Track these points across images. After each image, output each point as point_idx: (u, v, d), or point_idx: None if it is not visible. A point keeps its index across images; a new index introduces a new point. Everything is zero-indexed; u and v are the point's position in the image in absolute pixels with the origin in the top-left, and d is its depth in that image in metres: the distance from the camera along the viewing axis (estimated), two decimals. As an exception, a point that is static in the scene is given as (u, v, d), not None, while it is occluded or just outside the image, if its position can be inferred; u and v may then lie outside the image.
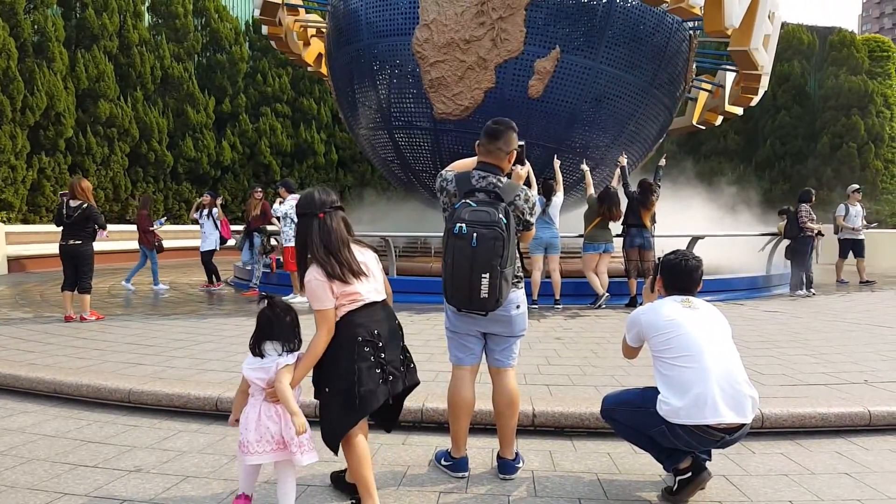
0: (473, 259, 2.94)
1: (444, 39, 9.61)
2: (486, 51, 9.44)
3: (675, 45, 10.51)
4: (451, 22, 9.52)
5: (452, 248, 2.98)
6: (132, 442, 3.76)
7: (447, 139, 10.47)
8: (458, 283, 3.00)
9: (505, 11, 9.29)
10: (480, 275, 2.94)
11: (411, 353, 3.13)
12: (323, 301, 2.74)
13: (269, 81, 23.14)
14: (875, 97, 23.99)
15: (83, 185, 7.74)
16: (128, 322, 7.49)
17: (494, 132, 3.23)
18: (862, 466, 3.47)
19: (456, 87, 9.80)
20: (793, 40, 24.94)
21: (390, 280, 10.23)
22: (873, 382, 4.80)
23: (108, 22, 19.17)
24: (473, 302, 3.01)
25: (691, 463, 3.01)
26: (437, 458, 3.47)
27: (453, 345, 3.38)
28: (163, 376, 4.78)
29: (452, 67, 9.69)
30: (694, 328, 2.97)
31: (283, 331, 2.74)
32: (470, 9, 9.44)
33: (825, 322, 7.90)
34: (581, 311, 8.72)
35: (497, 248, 2.95)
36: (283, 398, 2.63)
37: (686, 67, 11.13)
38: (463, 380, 3.32)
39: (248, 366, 2.72)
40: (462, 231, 2.95)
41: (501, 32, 9.30)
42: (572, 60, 9.59)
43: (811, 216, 10.89)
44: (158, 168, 20.51)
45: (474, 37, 9.43)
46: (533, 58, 9.46)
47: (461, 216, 3.00)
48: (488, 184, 3.14)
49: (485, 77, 9.57)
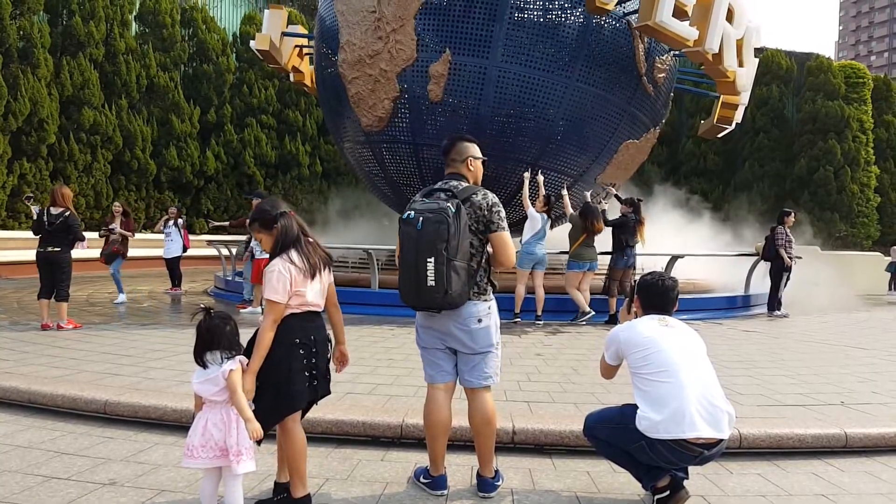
0: (419, 242, 3.00)
1: (355, 57, 10.28)
2: (385, 62, 9.93)
3: (593, 35, 9.85)
4: (358, 40, 10.17)
5: (402, 236, 3.10)
6: (107, 454, 3.70)
7: (426, 153, 10.62)
8: (406, 272, 3.07)
9: (396, 24, 9.71)
10: (426, 258, 2.98)
11: (393, 366, 3.15)
12: (278, 292, 2.88)
13: (256, 93, 23.11)
14: (851, 122, 24.52)
15: (64, 192, 7.64)
16: (105, 331, 7.38)
17: (444, 147, 3.44)
18: (838, 488, 3.51)
19: (370, 100, 10.38)
20: (771, 65, 25.46)
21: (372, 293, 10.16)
22: (850, 404, 4.86)
23: (94, 30, 19.07)
24: (422, 293, 3.02)
25: (669, 482, 3.04)
26: (416, 476, 3.45)
27: (425, 361, 3.37)
28: (140, 387, 4.72)
29: (364, 82, 10.30)
30: (671, 345, 3.04)
31: (222, 339, 2.83)
32: (369, 26, 9.99)
33: (802, 343, 8.01)
34: (562, 327, 8.76)
35: (441, 232, 2.99)
36: (238, 405, 2.75)
37: (630, 57, 10.24)
38: (437, 400, 3.28)
39: (196, 380, 2.82)
40: (409, 217, 3.08)
41: (396, 44, 9.76)
42: (464, 62, 9.68)
43: (787, 238, 11.00)
44: (141, 176, 20.35)
45: (375, 51, 9.98)
46: (427, 64, 9.72)
47: (413, 207, 3.13)
48: (448, 186, 3.25)
49: (390, 87, 10.06)
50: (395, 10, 9.70)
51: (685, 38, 9.08)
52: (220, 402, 2.80)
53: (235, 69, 23.29)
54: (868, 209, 24.77)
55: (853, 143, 24.46)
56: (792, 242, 11.10)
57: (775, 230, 11.06)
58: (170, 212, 12.67)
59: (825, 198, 24.20)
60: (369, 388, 4.95)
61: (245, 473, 2.82)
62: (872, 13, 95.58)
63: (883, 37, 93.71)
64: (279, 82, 23.20)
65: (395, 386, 5.05)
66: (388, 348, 6.70)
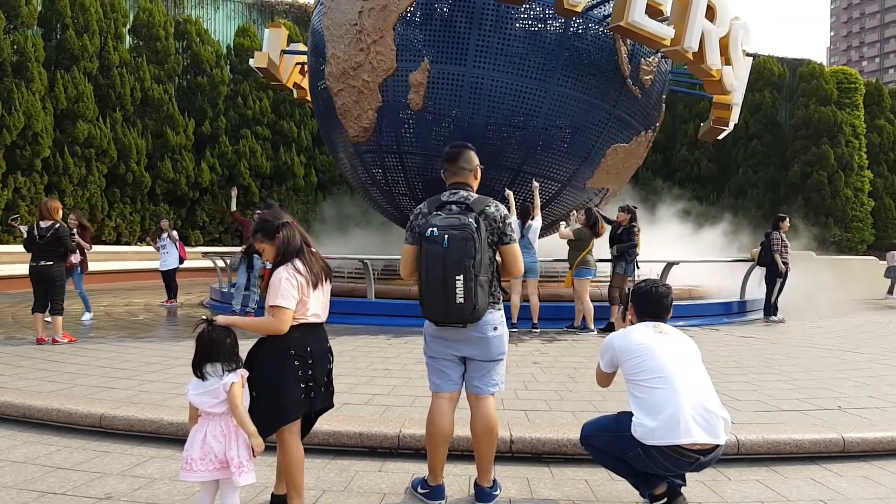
0: (446, 260, 3.00)
1: (339, 70, 10.52)
2: (368, 73, 10.14)
3: (562, 40, 9.85)
4: (342, 53, 10.41)
5: (426, 254, 3.06)
6: (103, 468, 3.68)
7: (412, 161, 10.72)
8: (432, 290, 3.04)
9: (376, 35, 9.91)
10: (454, 276, 2.99)
11: (390, 377, 3.15)
12: (287, 299, 2.87)
13: (250, 104, 23.14)
14: (844, 127, 24.65)
15: (52, 205, 7.60)
16: (101, 344, 7.35)
17: (454, 154, 3.38)
18: (836, 493, 3.51)
19: (355, 111, 10.58)
20: (764, 71, 25.60)
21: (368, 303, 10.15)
22: (846, 409, 4.87)
23: (88, 43, 19.10)
24: (450, 310, 3.02)
25: (667, 489, 3.03)
26: (413, 486, 3.43)
27: (431, 371, 3.35)
28: (135, 401, 4.70)
29: (349, 94, 10.53)
30: (665, 352, 3.05)
31: (223, 352, 2.81)
32: (352, 39, 10.21)
33: (798, 348, 8.02)
34: (558, 335, 8.76)
35: (469, 249, 3.02)
36: (241, 420, 2.76)
37: (611, 61, 10.21)
38: (441, 409, 3.27)
39: (193, 391, 2.79)
40: (433, 234, 3.04)
41: (377, 55, 9.96)
42: (444, 69, 9.77)
43: (783, 243, 11.04)
44: (136, 189, 20.32)
45: (358, 63, 10.20)
46: (406, 73, 9.84)
47: (432, 223, 3.09)
48: (459, 198, 3.23)
49: (373, 98, 10.26)
50: (375, 22, 9.91)
51: (661, 38, 8.98)
52: (218, 413, 2.78)
53: (230, 81, 23.32)
54: (862, 213, 24.87)
55: (846, 148, 24.60)
56: (788, 248, 11.14)
57: (770, 235, 11.09)
58: (161, 225, 12.72)
59: (819, 203, 24.30)
60: (366, 399, 4.93)
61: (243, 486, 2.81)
62: (863, 19, 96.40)
63: (874, 42, 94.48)
64: (273, 93, 23.22)
65: (392, 396, 5.04)
66: (385, 358, 6.68)
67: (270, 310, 2.89)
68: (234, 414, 2.76)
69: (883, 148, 26.25)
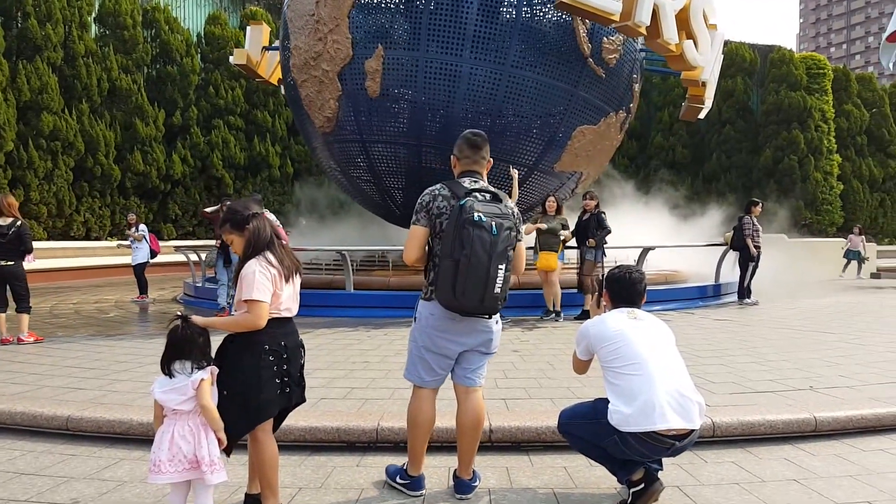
0: (493, 249, 2.92)
1: (301, 60, 10.53)
2: (327, 63, 10.12)
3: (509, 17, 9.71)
4: (303, 44, 10.42)
5: (471, 238, 2.90)
6: (69, 472, 3.57)
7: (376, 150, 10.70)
8: (474, 278, 2.91)
9: (332, 24, 9.89)
10: (498, 266, 2.93)
11: (369, 369, 3.11)
12: (262, 293, 2.78)
13: (222, 94, 22.72)
14: (813, 112, 25.00)
15: (9, 201, 7.25)
16: (69, 344, 7.17)
17: (477, 143, 3.29)
18: (809, 472, 3.55)
19: (318, 101, 10.56)
20: (736, 58, 25.82)
21: (347, 295, 10.07)
22: (818, 388, 4.93)
23: (51, 32, 18.56)
24: (486, 300, 2.95)
25: (644, 474, 3.04)
26: (390, 476, 3.37)
27: (421, 365, 3.20)
28: (104, 401, 4.58)
29: (312, 84, 10.51)
30: (639, 338, 3.05)
31: (194, 350, 2.75)
32: (311, 29, 10.21)
33: (772, 329, 8.13)
34: (538, 322, 8.77)
35: (512, 239, 3.02)
36: (210, 416, 2.71)
37: (568, 38, 9.97)
38: (425, 398, 3.23)
39: (159, 389, 2.72)
40: (482, 220, 2.93)
41: (334, 44, 9.94)
42: (398, 55, 9.76)
43: (755, 227, 11.16)
44: (105, 182, 19.87)
45: (317, 52, 10.18)
46: (362, 60, 9.82)
47: (475, 207, 2.96)
48: (482, 185, 3.16)
49: (333, 87, 10.23)
50: (331, 11, 9.87)
51: (608, 13, 8.72)
52: (185, 412, 2.71)
53: (200, 70, 22.86)
54: (831, 196, 25.29)
55: (815, 133, 24.95)
56: (759, 231, 11.27)
57: (742, 220, 11.21)
58: (129, 219, 12.53)
59: (790, 186, 24.66)
60: (344, 393, 4.87)
61: (216, 485, 2.75)
62: (830, 6, 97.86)
63: (841, 29, 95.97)
64: (246, 82, 22.83)
65: (371, 389, 4.99)
66: (364, 351, 6.62)
67: (245, 305, 2.80)
68: (202, 411, 2.70)
69: (850, 132, 26.69)
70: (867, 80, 28.25)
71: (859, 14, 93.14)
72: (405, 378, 3.32)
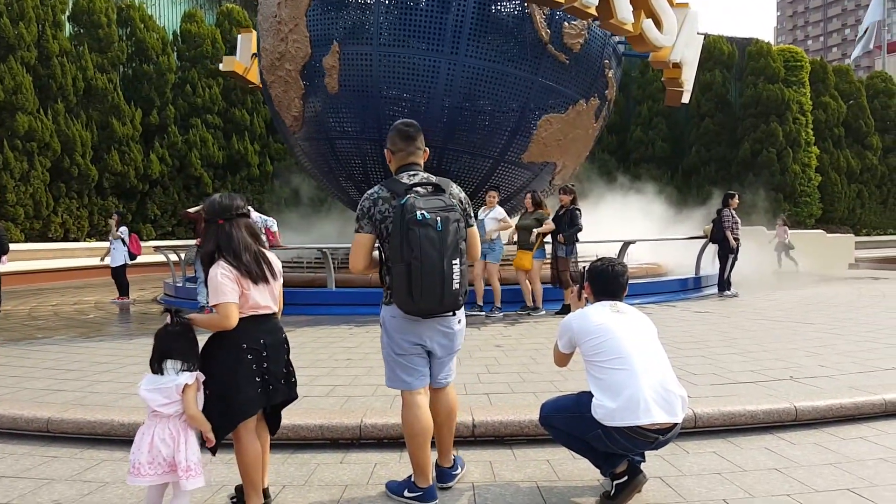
0: (442, 244, 2.85)
1: (269, 62, 10.80)
2: (290, 62, 10.29)
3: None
4: (269, 45, 10.66)
5: (418, 239, 2.82)
6: (50, 474, 3.53)
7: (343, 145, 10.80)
8: (429, 279, 2.83)
9: (292, 24, 10.06)
10: (452, 262, 2.87)
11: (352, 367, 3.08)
12: (227, 294, 2.77)
13: (199, 92, 22.46)
14: (791, 104, 25.29)
15: None
16: (49, 345, 7.07)
17: (409, 134, 3.17)
18: (790, 461, 3.60)
19: (285, 101, 10.74)
20: (714, 51, 26.02)
21: (329, 293, 10.00)
22: (798, 378, 5.00)
23: (25, 32, 18.22)
24: (445, 298, 2.88)
25: (627, 466, 3.06)
26: (394, 492, 3.16)
27: (400, 369, 3.11)
28: (85, 402, 4.53)
29: (279, 85, 10.73)
30: (623, 332, 3.05)
31: (184, 347, 2.75)
32: (275, 30, 10.40)
33: (752, 321, 8.23)
34: (520, 317, 8.80)
35: (461, 231, 2.96)
36: (196, 422, 2.72)
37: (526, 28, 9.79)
38: (419, 406, 3.09)
39: (145, 386, 2.71)
40: (425, 217, 2.84)
41: (294, 43, 10.11)
42: (353, 51, 9.76)
43: (733, 220, 11.25)
44: (82, 183, 19.57)
45: (281, 53, 10.38)
46: (320, 57, 9.91)
47: (416, 205, 2.86)
48: (422, 179, 3.07)
49: (297, 86, 10.38)
50: (291, 11, 10.03)
51: None
52: (167, 414, 2.70)
53: (177, 68, 22.57)
54: (810, 188, 25.62)
55: (794, 125, 25.24)
56: (738, 224, 11.39)
57: (721, 213, 11.32)
58: (113, 219, 12.32)
59: (769, 179, 24.94)
60: (327, 391, 4.86)
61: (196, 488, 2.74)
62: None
63: (818, 21, 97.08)
64: (224, 80, 22.58)
65: (354, 386, 4.98)
66: (347, 348, 6.60)
67: (215, 308, 2.82)
68: (190, 420, 2.71)
69: (828, 124, 27.05)
70: (844, 72, 28.65)
71: (836, 6, 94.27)
72: (388, 387, 3.23)
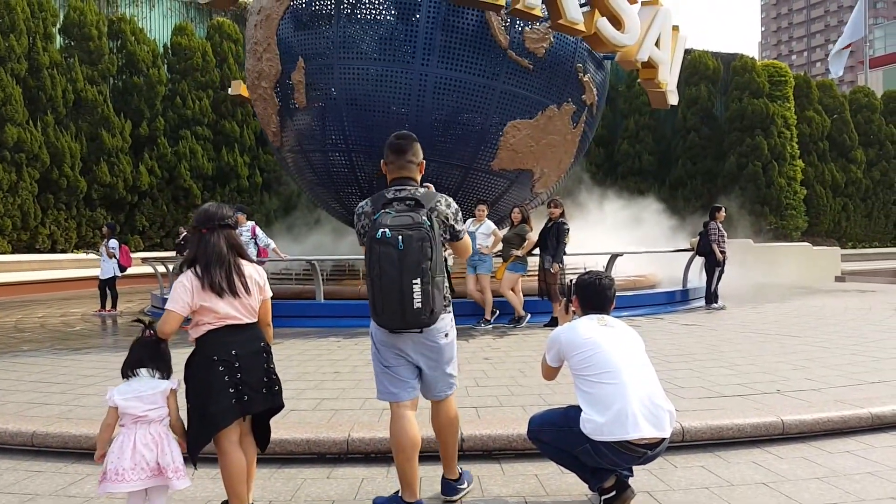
0: (402, 263, 2.81)
1: (251, 81, 11.22)
2: (266, 80, 10.71)
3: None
4: (250, 66, 11.14)
5: (378, 256, 2.84)
6: (35, 489, 3.49)
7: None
8: (388, 296, 2.85)
9: (265, 43, 10.47)
10: (411, 280, 2.82)
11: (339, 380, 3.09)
12: (175, 303, 2.83)
13: (189, 104, 22.43)
14: (776, 119, 25.57)
15: None
16: (34, 358, 7.00)
17: (401, 147, 3.17)
18: (777, 475, 3.61)
19: (265, 117, 11.19)
20: (699, 66, 26.33)
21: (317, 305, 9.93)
22: (785, 392, 5.03)
23: (15, 44, 18.17)
24: (407, 316, 2.85)
25: (615, 481, 3.06)
26: None
27: (387, 380, 3.12)
28: (70, 416, 4.49)
29: (259, 102, 11.14)
30: (611, 346, 3.05)
31: (156, 357, 2.80)
32: (253, 52, 10.86)
33: (739, 334, 8.27)
34: (509, 329, 8.81)
35: (425, 250, 2.85)
36: (179, 431, 2.83)
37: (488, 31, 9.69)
38: (406, 418, 3.07)
39: (121, 396, 2.71)
40: (386, 235, 2.83)
41: (268, 61, 10.52)
42: (316, 65, 10.09)
43: (720, 233, 11.32)
44: (71, 194, 19.45)
45: (258, 72, 10.78)
46: (289, 73, 10.24)
47: (382, 222, 2.88)
48: (406, 194, 3.04)
49: (273, 102, 10.78)
50: (264, 32, 10.44)
51: (495, 0, 8.46)
52: (149, 420, 2.71)
53: (167, 81, 22.54)
54: (795, 201, 25.85)
55: (778, 139, 25.50)
56: (724, 237, 11.46)
57: (708, 226, 11.40)
58: (104, 231, 12.48)
59: (755, 192, 25.15)
60: (314, 404, 4.84)
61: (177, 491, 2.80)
62: (791, 15, 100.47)
63: (801, 37, 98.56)
64: (213, 93, 22.60)
65: (341, 400, 4.96)
66: (334, 361, 6.58)
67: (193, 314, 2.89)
68: (172, 423, 2.78)
69: (813, 138, 27.35)
70: (827, 86, 29.01)
71: (819, 22, 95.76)
72: (378, 399, 3.24)
